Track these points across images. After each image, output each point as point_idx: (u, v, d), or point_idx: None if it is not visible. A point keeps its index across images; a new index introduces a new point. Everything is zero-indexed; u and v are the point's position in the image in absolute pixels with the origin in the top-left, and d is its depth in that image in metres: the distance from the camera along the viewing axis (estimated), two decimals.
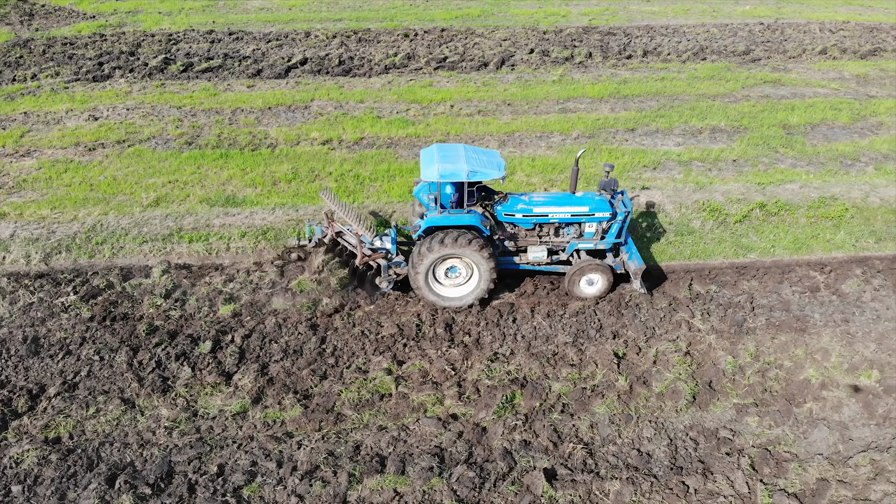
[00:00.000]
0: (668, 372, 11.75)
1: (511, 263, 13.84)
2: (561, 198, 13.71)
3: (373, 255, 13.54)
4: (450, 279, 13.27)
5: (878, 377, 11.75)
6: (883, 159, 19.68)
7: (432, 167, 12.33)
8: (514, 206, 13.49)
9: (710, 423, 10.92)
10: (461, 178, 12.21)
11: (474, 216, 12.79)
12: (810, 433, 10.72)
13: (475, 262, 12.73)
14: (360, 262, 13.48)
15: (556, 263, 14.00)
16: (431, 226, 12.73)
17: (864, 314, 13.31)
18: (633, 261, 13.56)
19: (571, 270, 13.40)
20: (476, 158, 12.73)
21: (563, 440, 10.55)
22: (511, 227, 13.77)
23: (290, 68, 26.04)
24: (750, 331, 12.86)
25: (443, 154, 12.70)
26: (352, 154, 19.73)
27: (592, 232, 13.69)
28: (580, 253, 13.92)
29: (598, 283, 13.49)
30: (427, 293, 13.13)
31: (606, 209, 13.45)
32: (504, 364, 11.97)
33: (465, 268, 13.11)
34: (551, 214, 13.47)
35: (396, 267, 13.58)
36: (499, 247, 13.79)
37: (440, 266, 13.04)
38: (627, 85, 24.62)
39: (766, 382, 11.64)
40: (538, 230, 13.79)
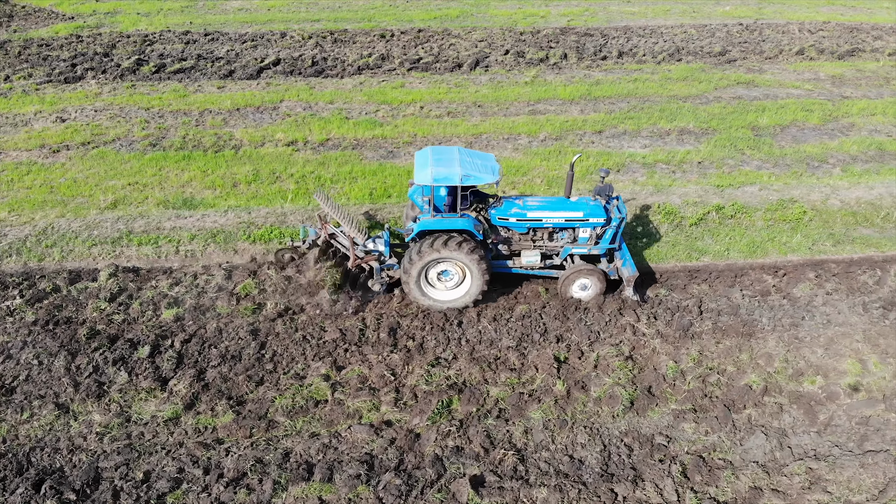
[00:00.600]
0: (607, 377, 11.61)
1: (504, 267, 13.79)
2: (555, 202, 13.65)
3: (365, 257, 13.49)
4: (442, 282, 13.22)
5: (822, 383, 11.60)
6: (851, 161, 19.53)
7: (426, 170, 12.27)
8: (508, 209, 13.44)
9: (646, 429, 10.77)
10: (455, 182, 12.17)
11: (467, 220, 12.74)
12: (747, 440, 10.56)
13: (467, 265, 12.66)
14: (352, 265, 13.46)
15: (549, 268, 13.95)
16: (424, 229, 12.66)
17: (814, 319, 13.15)
18: (626, 267, 13.50)
19: (565, 275, 13.35)
20: (470, 162, 12.68)
21: (495, 446, 10.40)
22: (505, 230, 13.73)
23: (262, 69, 25.93)
24: (696, 335, 12.71)
25: (437, 157, 12.64)
26: (316, 155, 19.61)
27: (586, 237, 13.63)
28: (574, 258, 13.87)
29: (592, 288, 13.41)
30: (419, 296, 13.05)
31: (601, 214, 13.39)
32: (445, 369, 11.82)
33: (458, 271, 13.05)
34: (545, 219, 13.41)
35: (389, 269, 13.53)
36: (492, 250, 13.75)
37: (432, 269, 12.96)
38: (599, 86, 24.48)
39: (707, 388, 11.49)
40: (532, 234, 13.75)
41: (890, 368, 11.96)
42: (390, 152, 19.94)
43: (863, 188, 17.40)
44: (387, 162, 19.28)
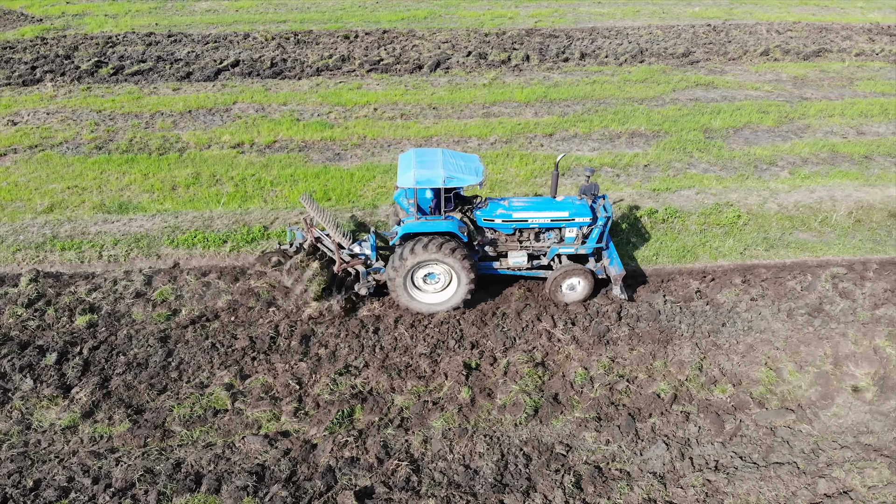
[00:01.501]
0: (514, 384, 11.41)
1: (491, 269, 13.71)
2: (541, 203, 13.58)
3: (351, 261, 13.41)
4: (429, 285, 13.12)
5: (732, 392, 11.39)
6: (801, 163, 19.32)
7: (409, 173, 12.22)
8: (493, 211, 13.37)
9: (547, 438, 10.58)
10: (438, 184, 12.09)
11: (452, 222, 12.65)
12: (648, 450, 10.36)
13: (453, 268, 12.57)
14: (338, 269, 13.36)
15: (536, 268, 13.90)
16: (408, 232, 12.57)
17: (735, 325, 12.95)
18: (613, 266, 13.43)
19: (553, 276, 13.26)
20: (454, 164, 12.61)
21: (391, 457, 10.21)
22: (491, 232, 13.66)
23: (220, 71, 25.77)
24: (611, 341, 12.51)
25: (420, 159, 12.57)
26: (260, 158, 19.44)
27: (573, 237, 13.58)
28: (561, 258, 13.82)
29: (580, 288, 13.36)
30: (406, 299, 12.95)
31: (587, 214, 13.34)
32: (352, 377, 11.63)
33: (444, 274, 12.96)
34: (531, 219, 13.34)
35: (375, 273, 13.44)
36: (479, 252, 13.65)
37: (419, 272, 12.88)
38: (557, 88, 24.28)
39: (614, 396, 11.30)
40: (518, 235, 13.69)
41: (807, 377, 11.75)
42: (337, 154, 19.77)
43: (803, 191, 17.18)
44: (332, 164, 19.11)
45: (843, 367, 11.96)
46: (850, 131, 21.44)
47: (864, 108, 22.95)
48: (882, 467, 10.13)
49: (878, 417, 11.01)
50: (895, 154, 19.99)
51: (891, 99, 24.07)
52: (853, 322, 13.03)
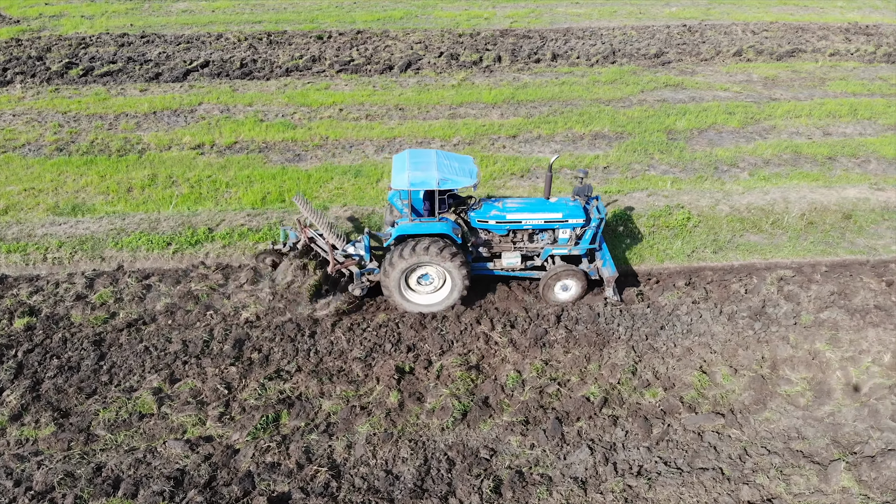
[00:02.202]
0: (445, 388, 11.33)
1: (485, 269, 13.74)
2: (535, 204, 13.61)
3: (345, 262, 13.42)
4: (423, 286, 13.09)
5: (662, 396, 11.30)
6: (763, 165, 19.21)
7: (403, 175, 12.24)
8: (487, 212, 13.39)
9: (473, 443, 10.50)
10: (432, 186, 12.12)
11: (445, 224, 12.65)
12: (572, 454, 10.27)
13: (447, 270, 12.59)
14: (332, 270, 13.37)
15: (530, 269, 13.90)
16: (402, 234, 12.55)
17: (674, 328, 12.86)
18: (606, 267, 13.45)
19: (546, 276, 13.29)
20: (448, 165, 12.63)
21: (312, 462, 10.13)
22: (485, 233, 13.68)
23: (189, 72, 25.69)
24: (548, 344, 12.43)
25: (414, 161, 12.61)
26: (219, 159, 19.37)
27: (566, 238, 13.60)
28: (554, 258, 13.80)
29: (573, 289, 13.37)
30: (401, 301, 12.97)
31: (580, 215, 13.34)
32: (282, 382, 11.55)
33: (438, 275, 12.99)
34: (525, 220, 13.36)
35: (369, 274, 13.46)
36: (472, 253, 13.61)
37: (413, 274, 12.91)
38: (525, 90, 24.18)
39: (543, 399, 11.21)
40: (512, 236, 13.71)
41: (742, 381, 11.66)
42: (297, 155, 19.69)
43: (757, 193, 17.07)
44: (291, 165, 19.04)
45: (780, 372, 11.86)
46: (815, 132, 21.34)
47: (832, 109, 22.83)
48: (811, 474, 10.04)
49: (811, 423, 10.91)
50: (860, 155, 19.89)
51: (861, 99, 23.96)
52: (795, 326, 12.93)
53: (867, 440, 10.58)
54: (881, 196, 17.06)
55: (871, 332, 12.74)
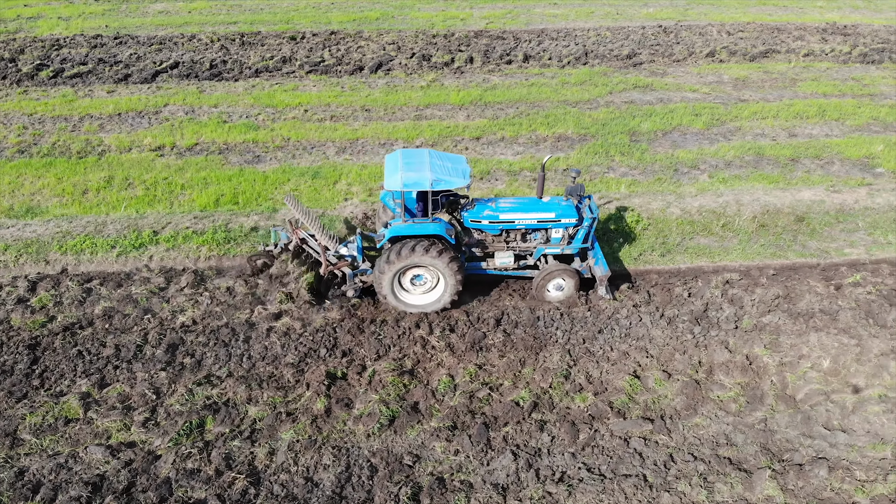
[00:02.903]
0: (375, 393, 11.23)
1: (478, 269, 13.82)
2: (527, 203, 13.66)
3: (337, 263, 13.42)
4: (416, 286, 13.14)
5: (592, 400, 11.20)
6: (724, 166, 19.10)
7: (396, 175, 12.26)
8: (480, 212, 13.45)
9: (398, 449, 10.41)
10: (425, 186, 12.12)
11: (438, 225, 12.68)
12: (495, 460, 10.18)
13: (440, 271, 12.63)
14: (324, 272, 13.39)
15: (523, 268, 13.97)
16: (395, 235, 12.58)
17: (612, 332, 12.76)
18: (599, 266, 13.50)
19: (539, 275, 13.36)
20: (441, 165, 12.63)
21: (232, 468, 10.04)
22: (478, 233, 13.73)
23: (157, 73, 25.60)
24: (485, 348, 12.33)
25: (407, 161, 12.62)
26: (178, 161, 19.29)
27: (559, 237, 13.67)
28: (547, 258, 13.89)
29: (566, 288, 13.41)
30: (394, 302, 13.02)
31: (573, 215, 13.40)
32: (210, 388, 11.44)
33: (431, 275, 13.00)
34: (518, 220, 13.42)
35: (362, 274, 13.46)
36: (466, 253, 13.68)
37: (406, 274, 12.94)
38: (493, 91, 24.07)
39: (473, 404, 11.11)
40: (505, 236, 13.78)
41: (675, 386, 11.56)
42: (257, 157, 19.61)
43: (709, 196, 16.96)
44: (249, 167, 18.95)
45: (715, 377, 11.76)
46: (781, 134, 21.22)
47: (800, 110, 22.72)
48: (735, 482, 9.94)
49: (742, 430, 10.81)
50: (823, 156, 19.78)
51: (831, 100, 23.85)
52: (736, 330, 12.83)
53: (797, 448, 10.48)
54: (837, 198, 16.95)
55: (813, 337, 12.65)
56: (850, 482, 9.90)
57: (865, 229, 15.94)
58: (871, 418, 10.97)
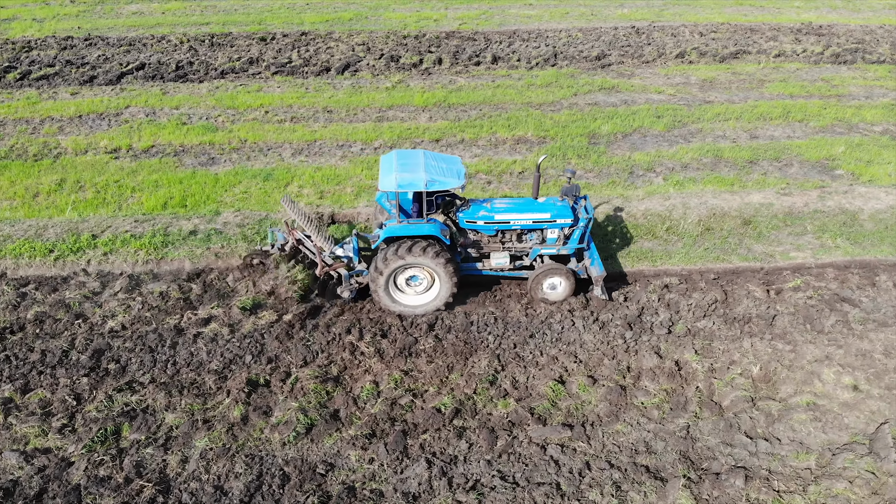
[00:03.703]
0: (294, 401, 11.12)
1: (474, 270, 13.78)
2: (523, 204, 13.65)
3: (333, 264, 13.38)
4: (411, 287, 13.14)
5: (514, 406, 11.08)
6: (681, 169, 18.98)
7: (390, 176, 12.26)
8: (475, 212, 13.44)
9: (313, 457, 10.29)
10: (419, 187, 12.15)
11: (433, 225, 12.67)
12: (409, 468, 10.06)
13: (435, 271, 12.63)
14: (319, 273, 13.36)
15: (519, 269, 13.93)
16: (390, 235, 12.59)
17: (544, 336, 12.65)
18: (594, 266, 13.45)
19: (534, 275, 13.35)
20: (435, 166, 12.63)
21: (142, 476, 9.94)
22: (473, 233, 13.72)
23: (123, 74, 25.53)
24: (415, 353, 12.22)
25: (401, 162, 12.63)
26: (133, 163, 19.21)
27: (555, 238, 13.64)
28: (543, 258, 13.87)
29: (561, 288, 13.40)
30: (389, 303, 13.00)
31: (568, 215, 13.37)
32: (131, 394, 11.32)
33: (426, 276, 12.98)
34: (513, 221, 13.40)
35: (358, 276, 13.44)
36: (461, 253, 13.70)
37: (401, 275, 12.94)
38: (458, 93, 23.97)
39: (394, 411, 11.00)
40: (500, 236, 13.76)
41: (599, 392, 11.43)
42: (212, 158, 19.52)
43: (657, 199, 16.83)
44: (202, 169, 18.86)
45: (641, 382, 11.64)
46: (742, 135, 21.10)
47: (764, 111, 22.61)
48: (649, 490, 9.81)
49: (663, 437, 10.69)
50: (782, 158, 19.67)
51: (797, 101, 23.74)
52: (668, 335, 12.72)
53: (717, 456, 10.36)
54: (786, 201, 16.82)
55: (746, 343, 12.53)
56: (766, 492, 9.78)
57: (814, 233, 15.82)
58: (796, 426, 10.85)
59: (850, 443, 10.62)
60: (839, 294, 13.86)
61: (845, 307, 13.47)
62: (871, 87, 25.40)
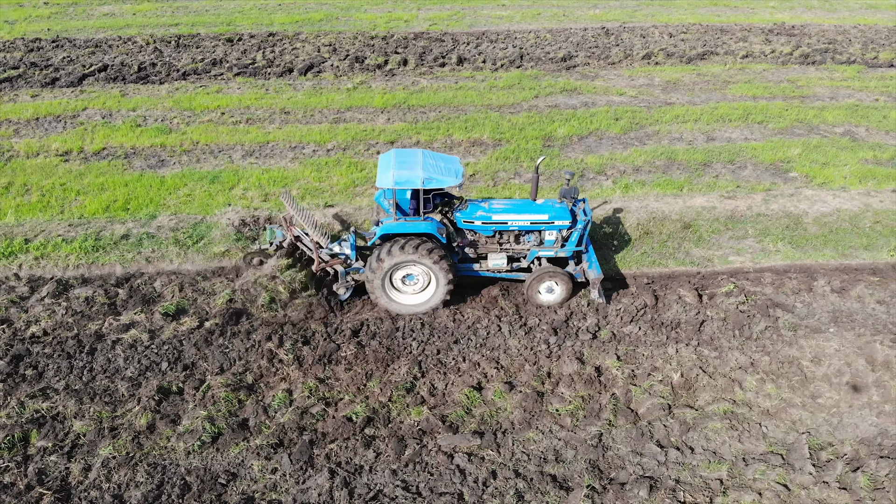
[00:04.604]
0: (203, 409, 10.99)
1: (471, 270, 13.76)
2: (521, 205, 13.59)
3: (330, 261, 13.35)
4: (408, 286, 13.14)
5: (427, 414, 10.95)
6: (632, 172, 18.82)
7: (388, 174, 12.22)
8: (473, 212, 13.40)
9: (217, 467, 10.16)
10: (416, 185, 12.14)
11: (430, 224, 12.66)
12: (312, 479, 9.94)
13: (431, 270, 12.61)
14: (316, 269, 13.32)
15: (516, 270, 13.87)
16: (386, 233, 12.58)
17: (469, 342, 12.52)
18: (592, 269, 13.36)
19: (531, 278, 13.29)
20: (433, 165, 12.61)
21: (44, 483, 9.83)
22: (471, 233, 13.66)
23: (85, 76, 25.42)
24: (336, 360, 12.09)
25: (400, 160, 12.62)
26: (82, 166, 19.08)
27: (552, 240, 13.60)
28: (541, 260, 13.80)
29: (558, 291, 13.34)
30: (385, 301, 12.99)
31: (566, 217, 13.32)
32: (43, 400, 11.20)
33: (423, 275, 12.94)
34: (511, 222, 13.36)
35: (355, 273, 13.42)
36: (458, 254, 13.63)
37: (397, 273, 12.92)
38: (419, 94, 23.84)
39: (304, 420, 10.87)
40: (498, 237, 13.71)
41: (515, 399, 11.29)
42: (161, 161, 19.39)
43: (596, 202, 16.63)
44: (150, 172, 18.73)
45: (559, 389, 11.50)
46: (699, 137, 20.95)
47: (724, 113, 22.45)
48: (553, 500, 9.67)
49: (574, 445, 10.55)
50: (736, 160, 19.52)
51: (759, 102, 23.58)
52: (593, 340, 12.58)
53: (625, 465, 10.22)
54: (729, 204, 16.66)
55: (671, 349, 12.40)
56: (671, 503, 9.65)
57: (755, 236, 15.67)
58: (710, 435, 10.72)
59: (766, 453, 10.50)
60: (773, 299, 13.72)
61: (778, 312, 13.34)
62: (837, 88, 25.24)
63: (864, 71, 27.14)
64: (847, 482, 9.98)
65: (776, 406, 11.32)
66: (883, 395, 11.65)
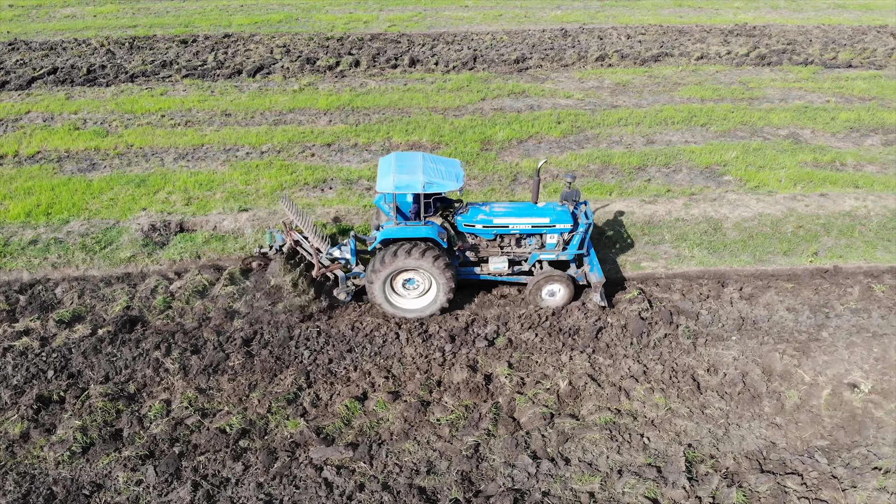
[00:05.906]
0: (78, 419, 10.89)
1: (472, 274, 13.71)
2: (522, 208, 13.56)
3: (330, 265, 13.33)
4: (408, 291, 13.09)
5: (304, 426, 10.82)
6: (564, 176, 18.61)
7: (388, 178, 12.19)
8: (474, 216, 13.35)
9: (84, 478, 10.07)
10: (417, 189, 12.09)
11: (430, 228, 12.62)
12: (175, 491, 9.82)
13: (432, 274, 12.56)
14: (316, 274, 13.26)
15: (517, 274, 13.83)
16: (387, 237, 12.51)
17: (364, 350, 12.37)
18: (594, 272, 13.31)
19: (532, 281, 13.28)
20: (434, 168, 12.54)
21: None
22: (472, 237, 13.62)
23: (34, 79, 25.29)
24: (223, 370, 11.96)
25: (400, 164, 12.58)
26: (13, 170, 18.97)
27: (554, 243, 13.57)
28: (542, 264, 13.74)
29: (560, 294, 13.34)
30: (386, 306, 12.98)
31: (567, 220, 13.28)
32: None
33: (423, 279, 12.88)
34: (512, 225, 13.31)
35: (355, 278, 13.38)
36: (459, 257, 13.59)
37: (398, 278, 12.88)
38: (365, 96, 23.71)
39: (178, 431, 10.75)
40: (499, 241, 13.69)
41: (398, 408, 11.15)
42: (93, 164, 19.29)
43: None
44: (79, 175, 18.62)
45: (444, 398, 11.38)
46: (638, 140, 20.80)
47: (669, 115, 22.29)
48: None
49: (449, 456, 10.44)
50: (672, 164, 19.37)
51: (706, 104, 23.41)
52: (490, 347, 12.47)
53: (496, 477, 10.10)
54: (648, 209, 16.52)
55: (564, 356, 12.28)
56: None
57: (672, 242, 15.54)
58: (588, 446, 10.60)
59: (643, 465, 10.36)
60: (679, 306, 13.60)
61: (680, 320, 13.21)
62: (789, 90, 25.06)
63: (819, 72, 26.94)
64: (721, 498, 9.85)
65: (661, 416, 11.19)
66: (776, 406, 11.53)
